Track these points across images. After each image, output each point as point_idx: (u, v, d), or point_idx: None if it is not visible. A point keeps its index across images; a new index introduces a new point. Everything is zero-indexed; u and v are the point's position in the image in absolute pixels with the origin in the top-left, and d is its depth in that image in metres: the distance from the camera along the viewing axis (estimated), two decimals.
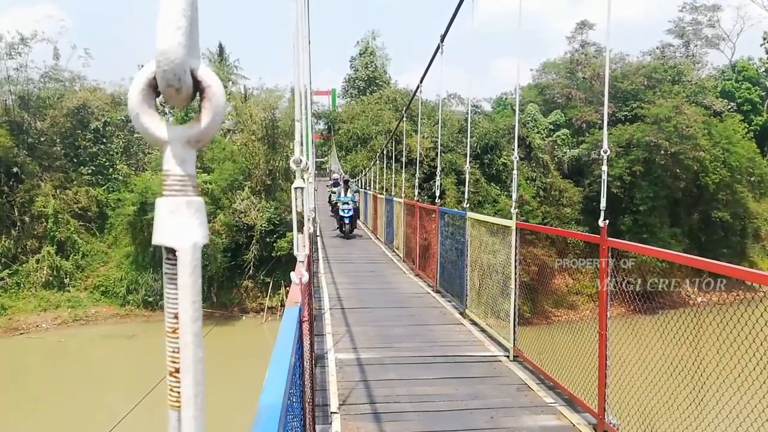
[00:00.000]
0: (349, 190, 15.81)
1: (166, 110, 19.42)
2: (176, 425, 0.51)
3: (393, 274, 11.06)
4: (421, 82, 11.14)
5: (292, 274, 2.54)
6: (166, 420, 0.53)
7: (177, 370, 0.51)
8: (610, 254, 3.92)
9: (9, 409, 14.58)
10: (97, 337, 20.59)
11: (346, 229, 16.06)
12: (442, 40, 8.26)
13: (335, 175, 23.98)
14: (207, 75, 0.52)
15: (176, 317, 0.51)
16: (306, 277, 2.62)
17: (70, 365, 18.19)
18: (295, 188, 2.53)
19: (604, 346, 3.96)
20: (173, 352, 0.51)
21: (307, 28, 5.23)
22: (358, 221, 17.80)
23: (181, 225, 0.51)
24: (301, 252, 2.64)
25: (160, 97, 0.53)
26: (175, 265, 0.50)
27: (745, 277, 2.85)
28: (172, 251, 0.51)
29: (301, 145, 2.65)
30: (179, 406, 0.51)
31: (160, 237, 0.51)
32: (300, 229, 2.65)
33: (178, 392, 0.51)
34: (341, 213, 16.01)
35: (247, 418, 1.23)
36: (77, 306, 22.34)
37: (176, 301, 0.51)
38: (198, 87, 0.52)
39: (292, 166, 2.52)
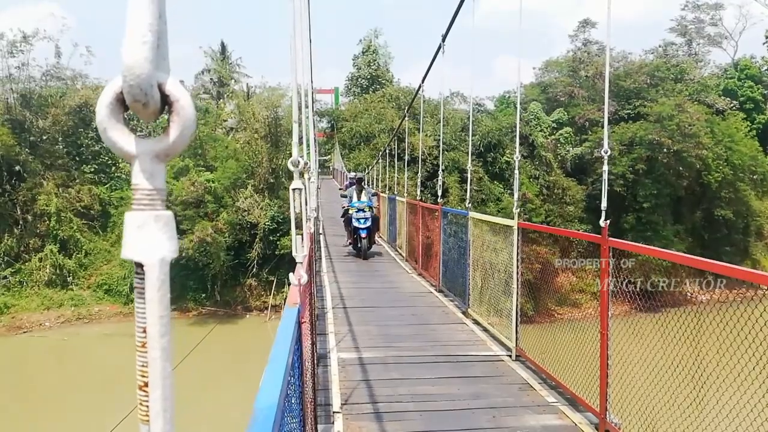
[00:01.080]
0: (363, 192, 12.24)
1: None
2: None
3: (395, 273, 11.05)
4: (423, 81, 11.13)
5: (291, 276, 2.54)
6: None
7: (146, 384, 0.51)
8: (611, 254, 3.92)
9: (12, 407, 14.63)
10: (100, 335, 20.64)
11: (363, 245, 12.14)
12: (443, 40, 8.26)
13: (351, 174, 19.16)
14: (175, 89, 0.52)
15: (145, 332, 0.51)
16: (305, 279, 2.62)
17: (73, 364, 18.25)
18: (293, 189, 2.51)
19: (606, 345, 3.96)
20: (142, 366, 0.51)
21: (308, 26, 5.24)
22: (377, 235, 14.02)
23: (149, 240, 0.51)
24: (299, 254, 2.63)
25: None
26: (144, 279, 0.51)
27: (746, 278, 2.84)
28: (140, 266, 0.51)
29: (300, 145, 2.65)
30: (148, 421, 0.52)
31: (128, 251, 0.51)
32: (299, 231, 2.64)
33: (147, 406, 0.51)
34: (355, 223, 12.03)
35: (248, 416, 1.23)
36: (80, 304, 22.41)
37: (145, 315, 0.51)
38: (166, 101, 0.52)
39: (290, 167, 2.51)
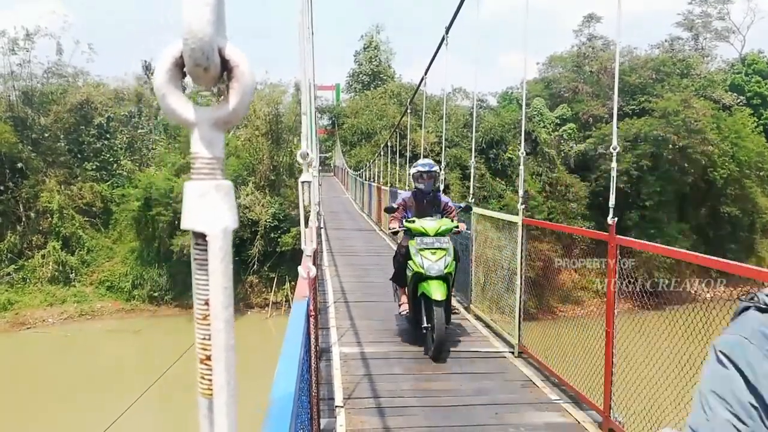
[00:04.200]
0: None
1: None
2: (208, 413, 0.51)
3: None
4: (425, 73, 11.08)
5: (300, 268, 2.52)
6: (197, 407, 0.52)
7: (208, 357, 0.50)
8: (618, 252, 3.86)
9: (14, 404, 14.65)
10: (103, 331, 20.69)
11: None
12: (446, 32, 8.20)
13: (421, 165, 6.13)
14: (235, 54, 0.50)
15: (207, 303, 0.50)
16: (313, 271, 2.60)
17: (75, 360, 18.27)
18: (302, 182, 2.48)
19: (611, 344, 3.92)
20: (204, 339, 0.50)
21: (310, 20, 5.19)
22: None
23: (211, 209, 0.49)
24: (308, 246, 2.61)
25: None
26: (206, 250, 0.49)
27: (754, 276, 2.80)
28: (201, 236, 0.49)
29: (308, 138, 2.62)
30: (211, 394, 0.51)
31: (189, 222, 0.49)
32: (307, 223, 2.61)
33: (210, 380, 0.50)
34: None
35: (251, 412, 1.20)
36: (83, 301, 22.46)
37: (207, 287, 0.50)
38: (226, 66, 0.50)
39: (299, 159, 2.48)
